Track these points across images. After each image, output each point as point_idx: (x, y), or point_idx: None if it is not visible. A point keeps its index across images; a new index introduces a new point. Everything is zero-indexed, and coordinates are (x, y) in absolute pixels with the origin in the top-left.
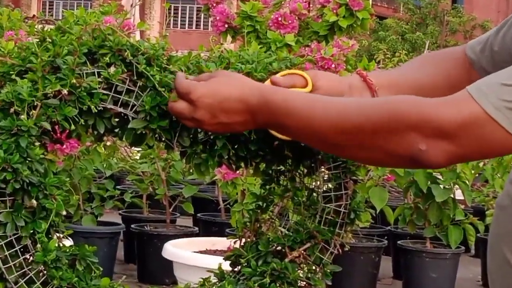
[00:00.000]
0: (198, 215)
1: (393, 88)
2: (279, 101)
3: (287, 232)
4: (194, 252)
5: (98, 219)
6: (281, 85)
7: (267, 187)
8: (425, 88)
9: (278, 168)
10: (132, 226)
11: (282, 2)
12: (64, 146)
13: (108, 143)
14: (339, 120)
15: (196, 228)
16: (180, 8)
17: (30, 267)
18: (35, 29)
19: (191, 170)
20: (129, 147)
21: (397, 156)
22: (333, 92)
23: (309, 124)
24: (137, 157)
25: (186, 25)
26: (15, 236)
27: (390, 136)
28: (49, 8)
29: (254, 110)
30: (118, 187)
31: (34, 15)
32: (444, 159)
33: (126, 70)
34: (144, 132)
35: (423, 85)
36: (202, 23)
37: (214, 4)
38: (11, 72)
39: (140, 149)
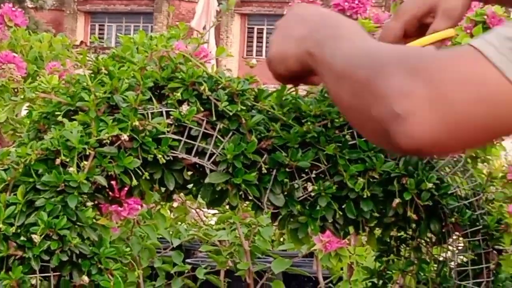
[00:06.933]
0: None
1: None
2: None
3: None
4: None
5: None
6: None
7: (384, 259)
8: None
9: (399, 234)
10: None
11: None
12: (122, 208)
13: (175, 204)
14: (345, 53)
15: None
16: (265, 31)
17: None
18: (87, 58)
19: (282, 239)
20: (201, 208)
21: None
22: None
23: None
24: (212, 222)
25: None
26: None
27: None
28: (99, 33)
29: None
30: (188, 260)
31: (82, 42)
32: (428, 122)
33: (202, 109)
34: (225, 188)
35: None
36: None
37: None
38: (56, 113)
39: (216, 211)
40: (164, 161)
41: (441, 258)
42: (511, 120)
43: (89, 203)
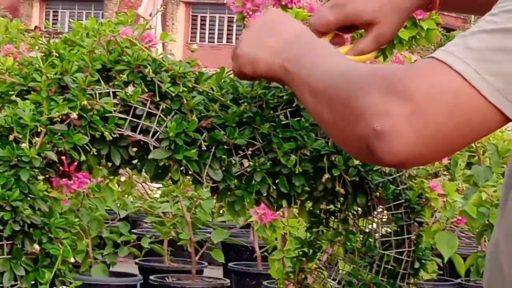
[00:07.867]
0: (230, 264)
1: None
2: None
3: (337, 285)
4: None
5: (111, 268)
6: None
7: (314, 230)
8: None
9: (328, 207)
10: (151, 277)
11: None
12: (72, 182)
13: (123, 178)
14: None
15: (228, 280)
16: (208, 19)
17: None
18: (39, 42)
19: (221, 211)
20: (147, 182)
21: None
22: None
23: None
24: (157, 195)
25: (215, 39)
26: (14, 287)
27: (349, 98)
28: (53, 19)
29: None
30: (134, 230)
31: (36, 26)
32: (408, 138)
33: (147, 90)
34: (167, 163)
35: None
36: (234, 36)
37: (251, 13)
38: (10, 93)
39: (160, 185)
40: (111, 138)
41: (366, 230)
42: (483, 126)
43: (41, 177)
